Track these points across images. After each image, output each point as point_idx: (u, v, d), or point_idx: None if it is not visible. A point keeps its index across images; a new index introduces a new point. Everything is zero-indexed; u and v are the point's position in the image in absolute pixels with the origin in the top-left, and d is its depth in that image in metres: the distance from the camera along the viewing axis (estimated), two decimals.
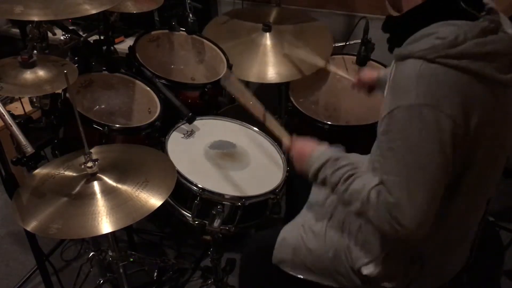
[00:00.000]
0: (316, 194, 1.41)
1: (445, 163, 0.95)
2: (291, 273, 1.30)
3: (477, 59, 0.94)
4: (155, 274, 1.84)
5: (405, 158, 0.96)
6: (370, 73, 1.60)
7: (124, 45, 2.24)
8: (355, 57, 2.03)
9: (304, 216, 1.37)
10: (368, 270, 1.17)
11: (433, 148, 0.94)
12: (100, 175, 1.18)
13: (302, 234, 1.30)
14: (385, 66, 2.03)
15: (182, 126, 1.74)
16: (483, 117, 0.96)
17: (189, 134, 1.72)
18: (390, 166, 0.98)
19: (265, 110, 1.43)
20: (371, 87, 1.60)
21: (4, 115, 1.18)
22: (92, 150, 1.20)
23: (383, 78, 1.50)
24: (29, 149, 1.18)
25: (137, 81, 1.83)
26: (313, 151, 1.17)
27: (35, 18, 1.35)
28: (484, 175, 1.05)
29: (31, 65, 1.35)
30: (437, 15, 0.98)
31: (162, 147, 1.62)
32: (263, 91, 2.73)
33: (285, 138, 1.34)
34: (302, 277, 1.29)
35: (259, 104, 1.45)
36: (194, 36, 2.08)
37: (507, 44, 0.97)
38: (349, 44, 2.23)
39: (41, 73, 1.36)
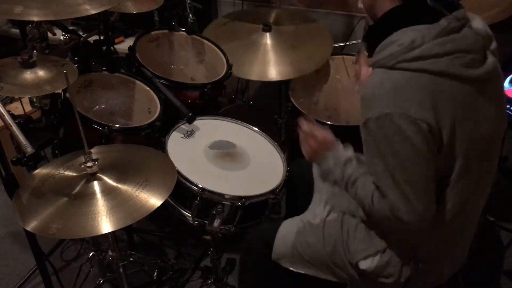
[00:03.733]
0: (317, 190, 1.43)
1: (427, 160, 0.99)
2: (290, 268, 1.31)
3: (440, 58, 0.95)
4: (155, 274, 1.84)
5: (388, 163, 1.00)
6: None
7: (124, 45, 2.24)
8: (355, 57, 2.03)
9: (306, 212, 1.38)
10: (365, 265, 1.19)
11: (410, 151, 0.97)
12: (100, 175, 1.18)
13: (301, 228, 1.32)
14: None
15: (182, 126, 1.74)
16: (456, 113, 0.97)
17: (189, 134, 1.72)
18: (379, 172, 1.03)
19: None
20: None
21: (4, 115, 1.18)
22: (92, 150, 1.20)
23: None
24: (29, 149, 1.18)
25: (137, 81, 1.83)
26: (327, 151, 1.23)
27: (35, 18, 1.35)
28: (473, 172, 1.05)
29: (31, 65, 1.35)
30: (403, 21, 1.00)
31: (162, 147, 1.62)
32: (264, 91, 2.74)
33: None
34: (300, 271, 1.30)
35: None
36: (194, 36, 2.09)
37: (470, 40, 0.99)
38: (349, 44, 2.23)
39: (41, 73, 1.36)
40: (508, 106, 1.73)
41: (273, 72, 2.03)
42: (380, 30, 1.04)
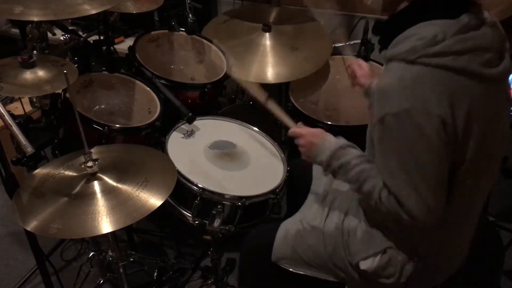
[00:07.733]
0: (315, 190, 1.43)
1: (442, 157, 0.98)
2: (290, 269, 1.31)
3: (460, 55, 0.94)
4: (155, 274, 1.84)
5: (402, 161, 0.99)
6: (366, 79, 1.54)
7: (124, 45, 2.25)
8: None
9: (303, 212, 1.38)
10: (365, 265, 1.19)
11: (427, 148, 0.96)
12: (100, 175, 1.18)
13: (301, 230, 1.31)
14: None
15: (182, 126, 1.74)
16: (472, 111, 0.97)
17: (189, 134, 1.72)
18: (391, 170, 1.02)
19: (267, 96, 1.50)
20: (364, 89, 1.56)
21: (4, 115, 1.18)
22: (92, 150, 1.20)
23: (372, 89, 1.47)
24: (29, 149, 1.18)
25: (137, 81, 1.83)
26: (323, 142, 1.19)
27: (35, 18, 1.35)
28: (478, 172, 1.05)
29: (31, 65, 1.35)
30: (422, 16, 0.99)
31: (162, 147, 1.62)
32: (263, 91, 2.73)
33: (290, 124, 1.37)
34: (301, 272, 1.30)
35: (262, 90, 1.53)
36: (194, 36, 2.09)
37: (489, 39, 0.98)
38: (349, 44, 2.23)
39: (41, 73, 1.36)
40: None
41: (271, 74, 2.02)
42: (398, 24, 1.03)
